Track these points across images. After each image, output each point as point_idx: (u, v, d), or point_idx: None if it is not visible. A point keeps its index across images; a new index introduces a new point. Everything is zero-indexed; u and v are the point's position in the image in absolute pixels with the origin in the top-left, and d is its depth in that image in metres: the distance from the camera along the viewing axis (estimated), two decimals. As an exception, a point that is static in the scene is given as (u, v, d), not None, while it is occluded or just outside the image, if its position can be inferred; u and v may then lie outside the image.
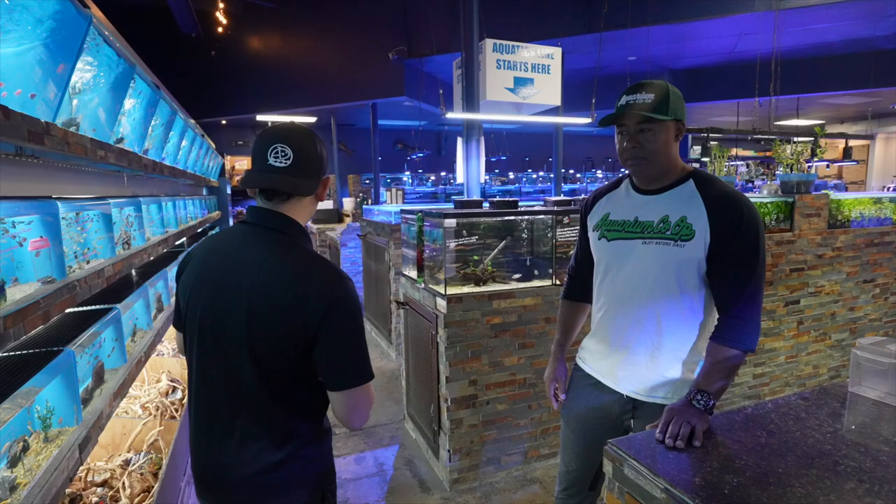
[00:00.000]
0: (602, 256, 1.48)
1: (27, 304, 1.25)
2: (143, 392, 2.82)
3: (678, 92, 1.33)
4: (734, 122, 13.20)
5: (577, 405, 1.56)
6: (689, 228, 1.31)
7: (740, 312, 1.28)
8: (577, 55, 7.48)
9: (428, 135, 13.76)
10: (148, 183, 3.78)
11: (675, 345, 1.37)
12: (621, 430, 1.50)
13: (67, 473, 1.43)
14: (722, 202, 1.30)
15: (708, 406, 1.20)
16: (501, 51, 4.62)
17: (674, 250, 1.32)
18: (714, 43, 8.43)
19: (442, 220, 2.46)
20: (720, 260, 1.30)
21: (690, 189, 1.34)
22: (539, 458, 2.68)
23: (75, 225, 1.86)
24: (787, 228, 3.32)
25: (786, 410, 1.29)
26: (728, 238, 1.28)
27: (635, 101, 1.31)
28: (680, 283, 1.33)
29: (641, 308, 1.38)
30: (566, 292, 1.70)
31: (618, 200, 1.48)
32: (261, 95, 9.27)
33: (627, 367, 1.42)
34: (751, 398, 3.27)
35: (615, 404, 1.46)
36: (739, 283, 1.28)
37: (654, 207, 1.37)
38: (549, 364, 1.68)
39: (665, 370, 1.38)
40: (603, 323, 1.48)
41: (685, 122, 1.35)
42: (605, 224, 1.46)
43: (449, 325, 2.42)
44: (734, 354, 1.27)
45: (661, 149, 1.32)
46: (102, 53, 1.85)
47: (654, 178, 1.39)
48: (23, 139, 1.27)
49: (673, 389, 1.39)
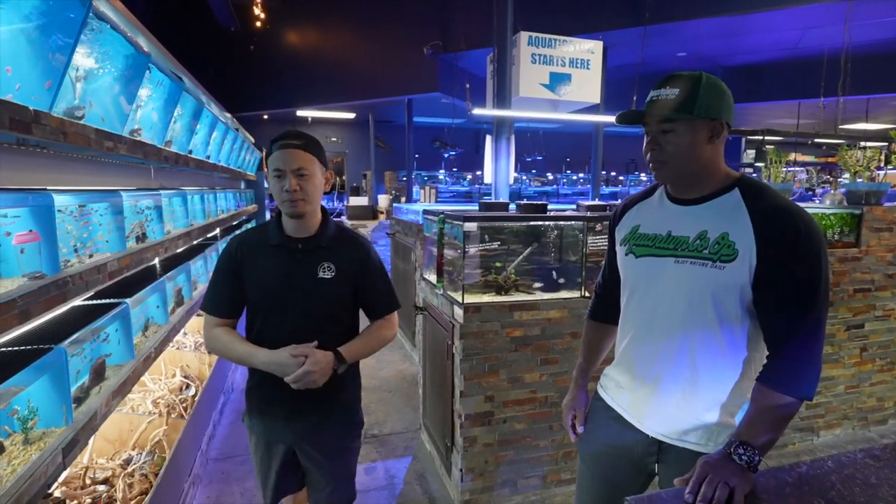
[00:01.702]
0: (629, 275, 1.28)
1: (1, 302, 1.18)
2: (158, 387, 2.80)
3: (718, 85, 1.12)
4: (794, 125, 12.37)
5: (595, 440, 1.38)
6: (730, 247, 1.09)
7: (795, 353, 1.05)
8: (620, 50, 7.12)
9: (466, 133, 13.59)
10: (177, 176, 3.78)
11: (713, 383, 1.16)
12: (644, 475, 1.30)
13: (46, 480, 1.36)
14: (773, 216, 1.08)
15: (752, 462, 1.00)
16: (537, 44, 4.38)
17: (711, 272, 1.11)
18: (774, 37, 7.86)
19: (462, 224, 2.30)
20: (770, 287, 1.08)
21: (735, 200, 1.13)
22: (559, 484, 2.48)
23: (77, 218, 1.81)
24: (852, 243, 2.97)
25: (851, 472, 1.06)
26: (780, 261, 1.06)
27: (658, 97, 1.12)
28: (718, 311, 1.12)
29: (672, 338, 1.18)
30: (592, 312, 1.51)
31: (649, 211, 1.28)
32: (298, 90, 9.36)
33: (654, 405, 1.22)
34: (802, 430, 2.95)
35: (638, 445, 1.26)
36: (794, 317, 1.06)
37: (691, 220, 1.17)
38: (570, 391, 1.50)
39: (700, 412, 1.18)
40: (628, 352, 1.29)
41: (729, 119, 1.13)
42: (634, 238, 1.27)
43: (465, 335, 2.26)
44: (786, 403, 1.05)
45: (687, 152, 1.12)
46: (110, 41, 1.79)
47: (686, 185, 1.19)
48: (3, 127, 1.20)
49: (708, 434, 1.18)
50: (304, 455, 1.60)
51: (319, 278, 1.49)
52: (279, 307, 1.49)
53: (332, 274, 1.50)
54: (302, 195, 1.42)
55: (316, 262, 1.50)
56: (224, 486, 2.57)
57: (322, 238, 1.52)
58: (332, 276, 1.50)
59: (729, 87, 1.16)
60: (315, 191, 1.46)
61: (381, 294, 1.60)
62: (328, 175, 1.54)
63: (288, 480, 1.64)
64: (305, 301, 1.49)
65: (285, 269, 1.49)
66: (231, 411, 3.44)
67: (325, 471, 1.61)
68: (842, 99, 5.62)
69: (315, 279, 1.49)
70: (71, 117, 1.63)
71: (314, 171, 1.45)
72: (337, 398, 1.57)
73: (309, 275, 1.49)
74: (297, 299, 1.49)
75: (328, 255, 1.51)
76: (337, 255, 1.52)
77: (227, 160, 5.19)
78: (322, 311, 1.51)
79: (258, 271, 1.51)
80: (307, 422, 1.54)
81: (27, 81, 1.38)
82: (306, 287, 1.49)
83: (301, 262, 1.50)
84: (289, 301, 1.49)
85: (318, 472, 1.61)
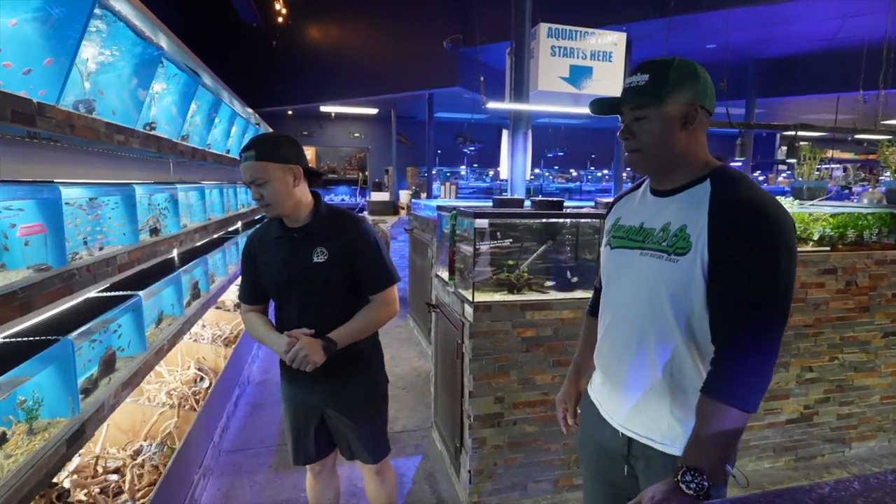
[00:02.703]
0: (604, 266, 1.24)
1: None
2: (173, 378, 2.83)
3: (692, 69, 1.05)
4: (832, 120, 11.85)
5: (585, 438, 1.34)
6: (686, 240, 1.02)
7: (737, 357, 0.96)
8: (644, 43, 6.88)
9: (488, 128, 13.47)
10: (197, 170, 3.83)
11: (676, 381, 1.08)
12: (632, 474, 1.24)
13: (48, 470, 1.37)
14: (729, 208, 1.00)
15: (701, 489, 0.91)
16: (557, 36, 4.26)
17: (666, 266, 1.05)
18: (810, 27, 7.49)
19: (473, 220, 2.24)
20: (718, 284, 0.99)
21: (703, 191, 1.05)
22: (571, 489, 2.41)
23: (87, 211, 1.82)
24: (891, 245, 2.79)
25: (879, 496, 0.96)
26: (729, 256, 0.98)
27: (630, 84, 1.07)
28: (674, 307, 1.04)
29: (634, 332, 1.12)
30: (590, 307, 1.46)
31: (632, 204, 1.23)
32: (320, 85, 9.41)
33: (621, 402, 1.18)
34: (833, 441, 2.80)
35: (614, 441, 1.21)
36: (741, 319, 0.97)
37: (661, 212, 1.11)
38: (563, 385, 1.46)
39: (663, 411, 1.10)
40: (601, 347, 1.25)
41: (705, 104, 1.06)
42: (614, 230, 1.22)
43: (475, 335, 2.20)
44: (728, 414, 0.94)
45: (660, 139, 1.05)
46: (120, 35, 1.80)
47: (662, 175, 1.12)
48: (4, 120, 1.20)
49: (674, 435, 1.11)
50: (331, 419, 1.75)
51: (314, 263, 1.60)
52: (285, 293, 1.64)
53: (326, 257, 1.60)
54: (265, 201, 1.54)
55: (310, 248, 1.60)
56: (235, 479, 2.59)
57: (314, 225, 1.62)
58: (325, 260, 1.60)
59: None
60: (278, 192, 1.53)
61: (374, 269, 1.65)
62: (295, 169, 1.56)
63: (312, 446, 1.79)
64: (305, 285, 1.61)
65: (285, 258, 1.62)
66: (246, 404, 3.47)
67: (351, 433, 1.75)
68: (883, 92, 5.32)
69: (311, 264, 1.60)
70: (78, 109, 1.63)
71: (271, 175, 1.52)
72: (354, 366, 1.70)
73: (305, 260, 1.60)
74: (298, 284, 1.61)
75: (321, 240, 1.61)
76: (330, 239, 1.62)
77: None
78: (321, 293, 1.61)
79: (266, 262, 1.67)
80: (329, 388, 1.69)
81: (37, 74, 1.39)
82: (304, 272, 1.60)
83: (297, 250, 1.61)
84: (292, 286, 1.62)
85: (345, 434, 1.76)
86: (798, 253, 2.57)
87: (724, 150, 17.92)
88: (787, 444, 2.73)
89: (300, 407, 1.75)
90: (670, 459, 1.10)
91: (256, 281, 1.70)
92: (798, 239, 2.71)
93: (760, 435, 2.67)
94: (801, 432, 2.73)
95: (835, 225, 2.78)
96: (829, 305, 2.66)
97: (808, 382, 2.69)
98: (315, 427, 1.77)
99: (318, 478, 1.87)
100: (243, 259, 1.74)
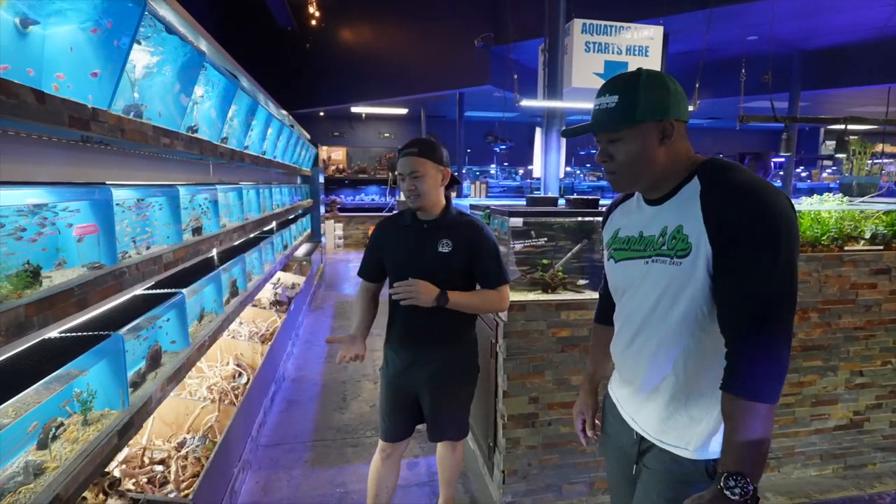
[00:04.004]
0: (611, 280, 1.23)
1: (59, 290, 1.24)
2: (213, 373, 2.93)
3: (661, 82, 1.02)
4: (882, 113, 11.25)
5: (607, 438, 1.33)
6: (685, 241, 1.00)
7: (748, 348, 0.93)
8: (683, 36, 6.68)
9: (520, 126, 13.37)
10: (235, 171, 3.94)
11: (690, 384, 1.06)
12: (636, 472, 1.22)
13: (102, 459, 1.44)
14: (720, 197, 0.97)
15: (747, 494, 0.88)
16: (592, 32, 4.18)
17: (670, 269, 1.03)
18: (860, 15, 7.12)
19: (507, 219, 2.23)
20: (721, 275, 0.97)
21: (693, 188, 1.03)
22: (607, 492, 2.36)
23: (135, 211, 1.90)
24: (950, 243, 2.64)
25: (948, 509, 0.91)
26: (729, 245, 0.95)
27: (599, 106, 1.06)
28: (683, 310, 1.02)
29: (648, 340, 1.10)
30: (597, 315, 1.45)
31: (629, 213, 1.20)
32: (352, 87, 9.52)
33: (637, 403, 1.18)
34: (885, 450, 2.65)
35: (629, 440, 1.22)
36: (745, 307, 0.94)
37: (657, 219, 1.09)
38: (579, 396, 1.45)
39: (681, 412, 1.08)
40: (616, 355, 1.25)
41: (679, 115, 1.04)
42: (615, 242, 1.21)
43: (509, 335, 2.19)
44: (751, 410, 0.92)
45: (638, 159, 1.04)
46: (165, 40, 1.86)
47: (649, 187, 1.11)
48: (62, 125, 1.26)
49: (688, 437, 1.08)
50: (429, 398, 1.92)
51: (439, 252, 1.82)
52: (408, 273, 1.82)
53: (449, 248, 1.82)
54: (417, 192, 1.79)
55: (437, 239, 1.83)
56: (272, 473, 2.65)
57: (443, 220, 1.85)
58: (448, 251, 1.82)
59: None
60: (428, 186, 1.79)
61: (492, 267, 1.86)
62: (445, 171, 1.84)
63: (400, 425, 1.99)
64: (427, 269, 1.81)
65: (413, 244, 1.86)
66: (281, 400, 3.55)
67: (443, 411, 1.94)
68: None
69: (435, 252, 1.82)
70: (128, 114, 1.70)
71: (426, 171, 1.78)
72: (457, 345, 1.91)
73: (431, 248, 1.83)
74: (420, 267, 1.82)
75: (447, 234, 1.83)
76: (455, 234, 1.83)
77: (283, 156, 5.36)
78: (440, 277, 1.81)
79: (392, 246, 1.92)
80: (431, 371, 1.88)
81: (83, 81, 1.45)
82: (428, 258, 1.83)
83: (425, 239, 1.85)
84: (414, 269, 1.82)
85: (438, 412, 1.94)
86: (848, 252, 2.44)
87: (768, 146, 17.27)
88: (836, 452, 2.61)
89: (400, 388, 1.95)
90: (677, 458, 1.09)
91: (378, 261, 1.95)
92: (849, 237, 2.59)
93: (807, 441, 2.56)
94: (851, 439, 2.61)
95: (888, 223, 2.64)
96: (881, 307, 2.53)
97: (858, 388, 2.57)
98: (408, 408, 1.96)
99: (386, 462, 2.03)
100: (371, 241, 2.00)
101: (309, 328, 5.29)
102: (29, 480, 1.20)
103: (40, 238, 1.31)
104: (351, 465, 2.72)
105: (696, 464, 1.06)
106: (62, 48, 1.41)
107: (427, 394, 1.91)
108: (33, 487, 1.20)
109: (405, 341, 1.91)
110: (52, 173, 1.60)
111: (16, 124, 1.20)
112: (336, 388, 3.76)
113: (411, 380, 1.92)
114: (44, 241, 1.33)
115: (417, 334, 1.89)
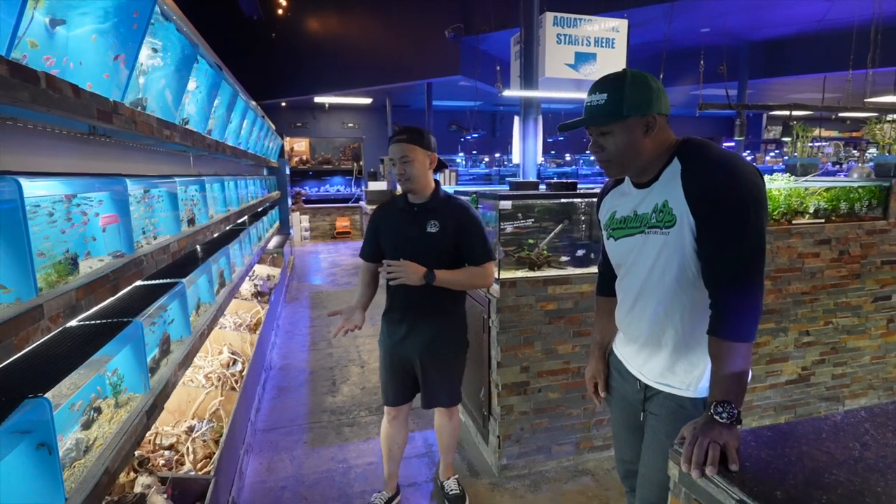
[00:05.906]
0: (613, 257, 1.40)
1: (98, 276, 1.31)
2: (207, 363, 2.97)
3: (644, 80, 1.19)
4: (817, 100, 12.08)
5: (613, 390, 1.52)
6: (670, 213, 1.19)
7: (728, 296, 1.12)
8: (644, 28, 7.01)
9: (483, 115, 13.56)
10: (212, 163, 3.92)
11: (686, 338, 1.27)
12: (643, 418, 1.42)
13: (136, 437, 1.51)
14: (697, 171, 1.16)
15: (733, 416, 1.06)
16: (562, 24, 4.38)
17: (660, 239, 1.22)
18: (801, 9, 7.65)
19: (497, 203, 2.39)
20: (703, 240, 1.16)
21: (675, 167, 1.22)
22: (591, 450, 2.59)
23: (143, 202, 1.94)
24: (880, 216, 2.99)
25: (883, 420, 1.14)
26: (707, 212, 1.13)
27: (590, 104, 1.23)
28: (676, 274, 1.22)
29: (647, 303, 1.30)
30: (599, 288, 1.63)
31: (622, 196, 1.38)
32: (319, 77, 9.41)
33: (640, 357, 1.37)
34: (828, 400, 3.01)
35: (634, 390, 1.41)
36: (721, 265, 1.13)
37: (649, 199, 1.27)
38: (589, 362, 1.61)
39: (678, 361, 1.29)
40: (619, 321, 1.44)
41: (661, 110, 1.21)
42: (612, 222, 1.38)
43: (502, 309, 2.36)
44: (733, 349, 1.11)
45: (626, 149, 1.22)
46: (167, 33, 1.90)
47: (638, 173, 1.29)
48: (92, 118, 1.32)
49: (688, 381, 1.28)
50: (421, 366, 2.08)
51: (427, 232, 1.98)
52: (400, 253, 1.97)
53: (437, 229, 1.98)
54: (406, 175, 1.94)
55: (426, 220, 1.99)
56: (274, 455, 2.74)
57: (432, 203, 2.01)
58: (436, 231, 1.98)
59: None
60: (417, 170, 1.94)
61: (477, 245, 2.01)
62: (432, 156, 1.99)
63: (400, 391, 2.16)
64: (417, 248, 1.97)
65: (405, 226, 2.02)
66: (272, 387, 3.61)
67: (436, 379, 2.09)
68: (871, 72, 5.50)
69: (424, 232, 1.98)
70: (136, 107, 1.74)
71: (415, 156, 1.93)
72: (447, 318, 2.08)
73: (420, 229, 1.99)
74: (411, 247, 1.98)
75: (436, 216, 1.99)
76: (443, 216, 1.99)
77: (255, 147, 5.32)
78: (429, 256, 1.96)
79: (387, 227, 2.08)
80: (424, 341, 2.05)
81: (102, 73, 1.49)
82: (418, 238, 1.99)
83: (415, 220, 2.01)
84: (406, 248, 1.98)
85: (431, 380, 2.10)
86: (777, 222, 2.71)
87: (721, 131, 18.15)
88: (787, 404, 2.93)
89: (396, 357, 2.12)
90: (678, 400, 1.28)
91: (377, 243, 2.11)
92: (795, 212, 2.89)
93: (762, 395, 2.87)
94: (800, 392, 2.94)
95: (828, 198, 2.96)
96: (824, 273, 2.84)
97: (805, 346, 2.89)
98: (403, 375, 2.14)
99: (393, 422, 2.23)
100: (370, 224, 2.15)
101: (287, 319, 5.32)
102: (80, 456, 1.28)
103: (74, 228, 1.36)
104: (351, 443, 2.84)
105: (696, 402, 1.26)
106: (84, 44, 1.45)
107: (420, 363, 2.08)
108: (84, 462, 1.28)
109: (400, 315, 2.08)
110: (64, 165, 1.63)
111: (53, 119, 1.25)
112: (324, 373, 3.85)
113: (406, 350, 2.08)
114: (79, 230, 1.39)
115: (410, 309, 2.05)
